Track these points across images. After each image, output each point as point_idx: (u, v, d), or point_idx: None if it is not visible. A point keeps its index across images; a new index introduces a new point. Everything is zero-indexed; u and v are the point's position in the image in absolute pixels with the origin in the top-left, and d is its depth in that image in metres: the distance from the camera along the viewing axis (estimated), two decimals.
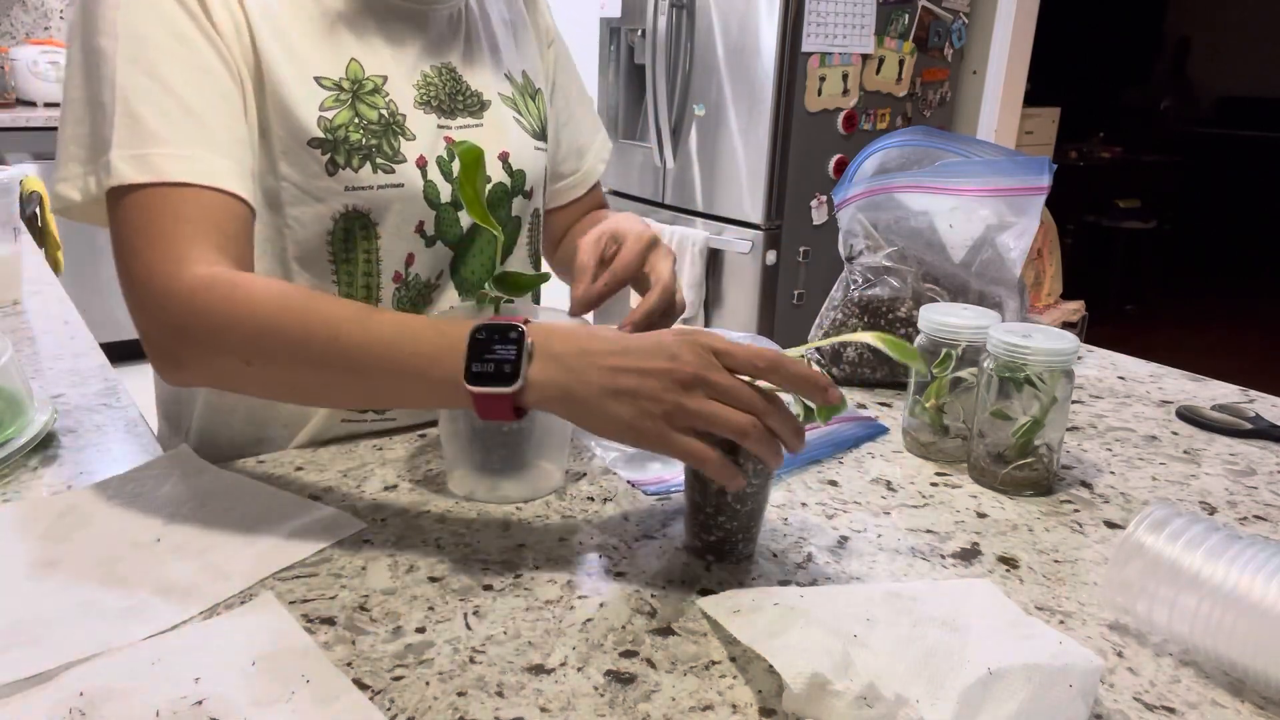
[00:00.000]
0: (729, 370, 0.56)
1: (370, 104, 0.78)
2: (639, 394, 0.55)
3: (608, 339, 0.58)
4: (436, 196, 0.82)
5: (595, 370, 0.57)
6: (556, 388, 0.57)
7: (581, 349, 0.58)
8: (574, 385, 0.57)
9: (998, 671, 0.48)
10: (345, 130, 0.76)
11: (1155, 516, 0.57)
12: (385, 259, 0.81)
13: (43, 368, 1.00)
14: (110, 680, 0.50)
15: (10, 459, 0.76)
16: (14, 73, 3.34)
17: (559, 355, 0.58)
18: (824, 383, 0.56)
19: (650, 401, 0.55)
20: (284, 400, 0.77)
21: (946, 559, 0.67)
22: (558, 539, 0.68)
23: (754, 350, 0.57)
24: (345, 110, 0.76)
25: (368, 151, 0.77)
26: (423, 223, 0.82)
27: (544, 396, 0.58)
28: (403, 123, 0.79)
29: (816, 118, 2.77)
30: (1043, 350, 0.72)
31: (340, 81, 0.77)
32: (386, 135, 0.78)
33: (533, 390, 0.57)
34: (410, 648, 0.54)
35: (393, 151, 0.78)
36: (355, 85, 0.77)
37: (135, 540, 0.65)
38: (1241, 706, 0.52)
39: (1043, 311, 3.37)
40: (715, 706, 0.50)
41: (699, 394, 0.55)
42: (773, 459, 0.57)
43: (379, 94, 0.78)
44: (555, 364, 0.57)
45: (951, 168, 1.02)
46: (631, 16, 3.06)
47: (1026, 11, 3.06)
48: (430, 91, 0.82)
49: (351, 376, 0.62)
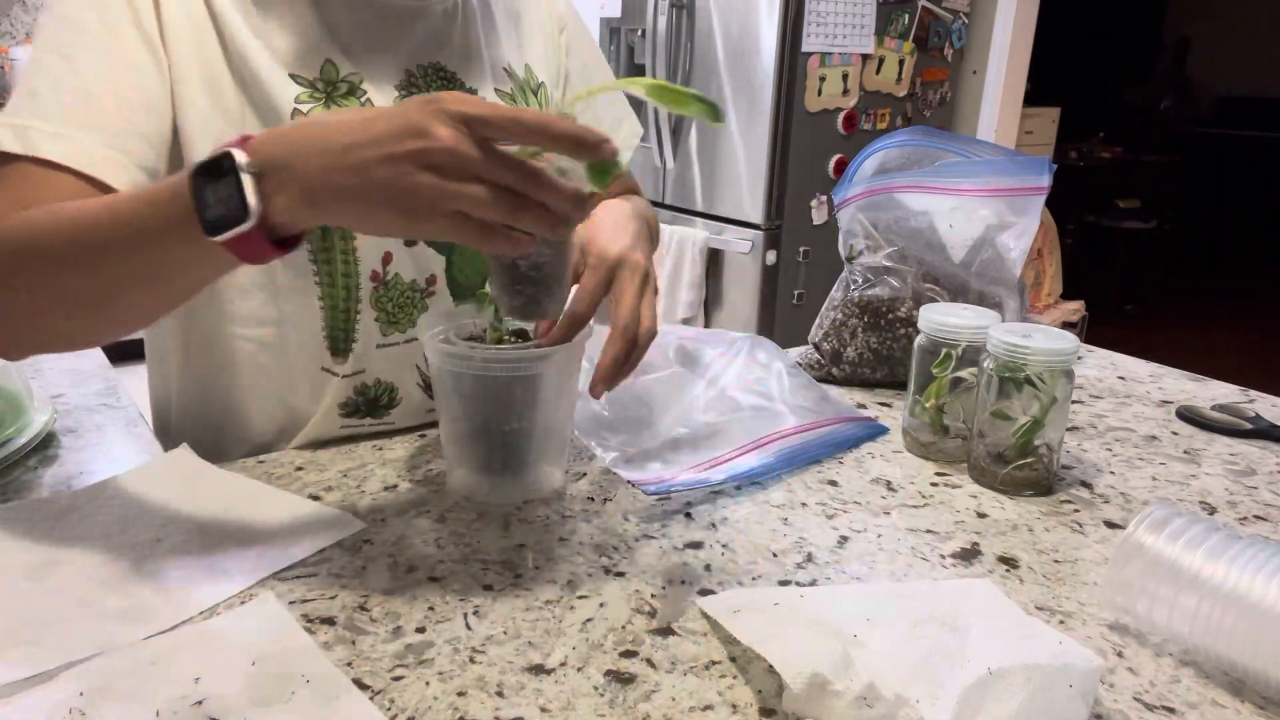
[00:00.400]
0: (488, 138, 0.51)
1: (342, 104, 0.77)
2: (391, 184, 0.50)
3: (343, 125, 0.52)
4: None
5: (338, 170, 0.51)
6: (303, 202, 0.52)
7: (315, 148, 0.52)
8: (320, 192, 0.51)
9: (998, 671, 0.48)
10: None
11: (1155, 516, 0.57)
12: (363, 258, 0.80)
13: (43, 368, 1.00)
14: (110, 680, 0.50)
15: (10, 459, 0.76)
16: (14, 73, 3.34)
17: (288, 163, 0.51)
18: (593, 140, 0.52)
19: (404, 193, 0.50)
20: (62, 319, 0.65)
21: (946, 559, 0.67)
22: (558, 539, 0.68)
23: (511, 112, 0.51)
24: (319, 107, 0.76)
25: None
26: None
27: (295, 217, 0.52)
28: None
29: (816, 118, 2.77)
30: (1043, 350, 0.73)
31: (314, 81, 0.76)
32: None
33: (278, 213, 0.52)
34: (410, 648, 0.54)
35: None
36: (329, 86, 0.77)
37: (135, 540, 0.65)
38: (1241, 706, 0.52)
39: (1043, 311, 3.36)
40: (715, 706, 0.50)
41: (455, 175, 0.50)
42: (549, 230, 0.54)
43: (353, 96, 0.78)
44: (288, 174, 0.51)
45: (951, 168, 1.02)
46: (631, 16, 3.06)
47: (1026, 11, 3.06)
48: (414, 92, 0.81)
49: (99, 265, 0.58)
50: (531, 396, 0.70)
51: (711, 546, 0.67)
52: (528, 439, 0.72)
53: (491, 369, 0.67)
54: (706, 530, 0.70)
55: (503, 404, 0.70)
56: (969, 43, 3.12)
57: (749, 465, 0.78)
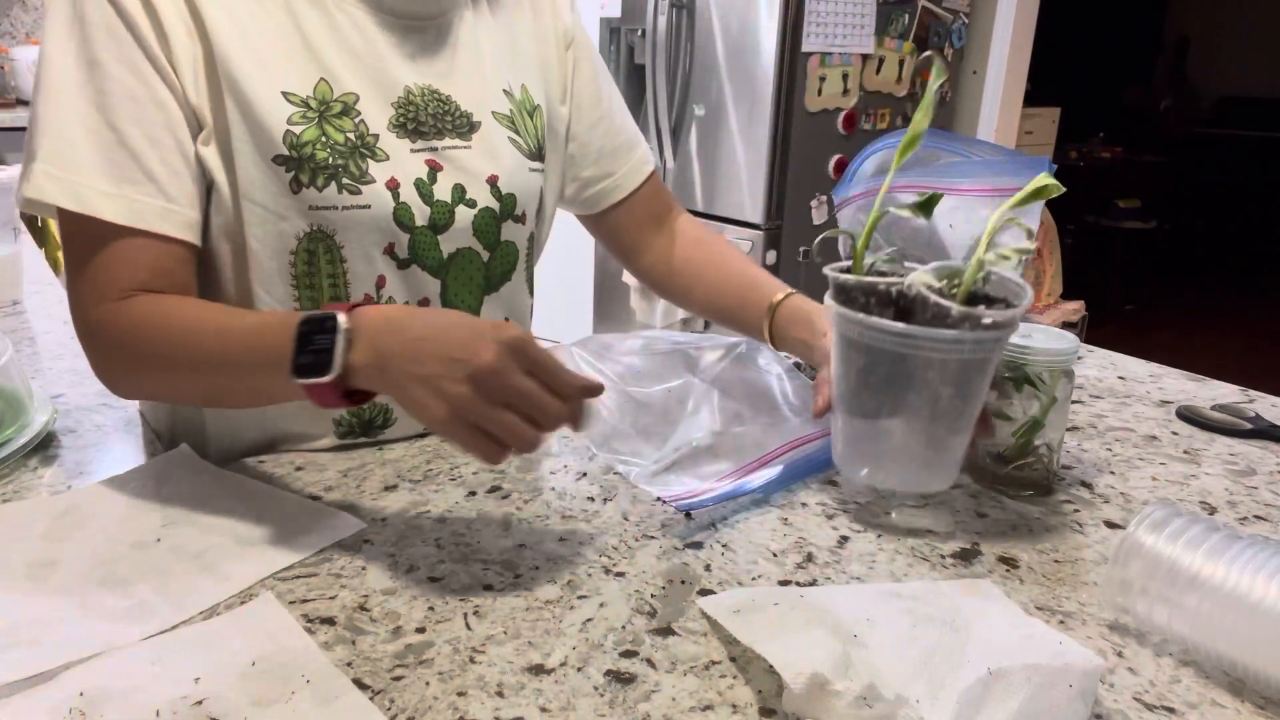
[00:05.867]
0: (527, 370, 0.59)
1: (337, 126, 0.76)
2: (434, 382, 0.59)
3: (427, 322, 0.62)
4: (410, 219, 0.79)
5: (405, 357, 0.60)
6: (373, 370, 0.61)
7: (398, 331, 0.62)
8: (387, 368, 0.61)
9: (998, 671, 0.48)
10: (311, 148, 0.74)
11: (1155, 516, 0.57)
12: (353, 282, 0.79)
13: (43, 368, 1.00)
14: (110, 680, 0.50)
15: (10, 459, 0.76)
16: (14, 73, 3.33)
17: (375, 339, 0.61)
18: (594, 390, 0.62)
19: (441, 394, 0.59)
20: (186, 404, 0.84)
21: (946, 559, 0.67)
22: (558, 539, 0.68)
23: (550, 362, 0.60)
24: (312, 128, 0.74)
25: (333, 171, 0.75)
26: (393, 245, 0.79)
27: (365, 379, 0.62)
28: (373, 144, 0.77)
29: (816, 118, 2.77)
30: (1043, 350, 0.73)
31: (308, 99, 0.75)
32: (354, 156, 0.76)
33: (355, 374, 0.62)
34: (410, 648, 0.54)
35: (359, 172, 0.76)
36: (323, 106, 0.75)
37: (135, 540, 0.65)
38: (1241, 706, 0.52)
39: (1043, 311, 3.36)
40: (715, 706, 0.50)
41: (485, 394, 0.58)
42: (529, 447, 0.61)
43: (348, 116, 0.76)
44: (372, 349, 0.61)
45: (951, 168, 1.02)
46: (631, 16, 3.06)
47: (1026, 11, 3.06)
48: (409, 112, 0.79)
49: (216, 378, 0.70)
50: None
51: (711, 546, 0.67)
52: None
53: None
54: (706, 530, 0.70)
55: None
56: (969, 43, 3.12)
57: (767, 476, 0.76)
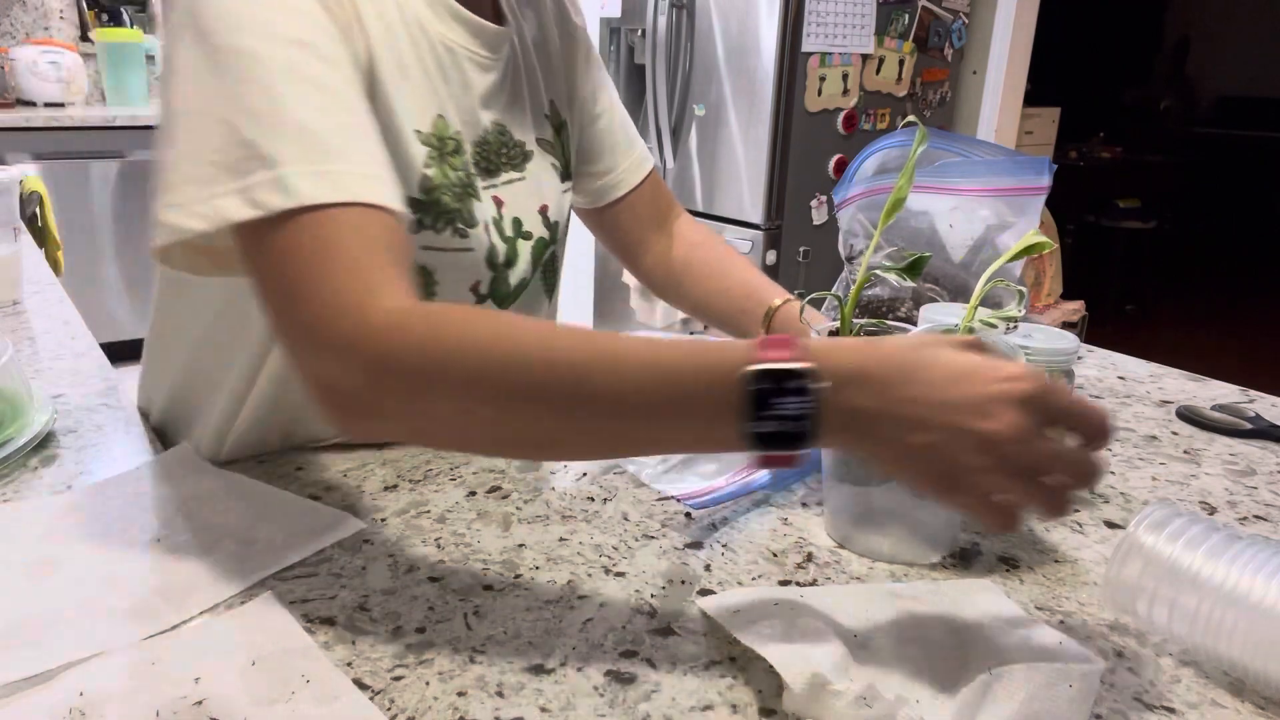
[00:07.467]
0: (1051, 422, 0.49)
1: (452, 165, 0.74)
2: (934, 450, 0.48)
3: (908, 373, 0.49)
4: (496, 259, 0.79)
5: (893, 423, 0.48)
6: (849, 436, 0.50)
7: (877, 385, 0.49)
8: (869, 434, 0.49)
9: (998, 672, 0.48)
10: (438, 193, 0.73)
11: (1155, 516, 0.57)
12: None
13: (43, 368, 1.00)
14: (110, 680, 0.50)
15: (10, 459, 0.76)
16: (14, 73, 3.33)
17: (851, 398, 0.49)
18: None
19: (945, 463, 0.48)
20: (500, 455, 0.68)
21: (946, 559, 0.67)
22: (558, 539, 0.68)
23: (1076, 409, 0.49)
24: (436, 169, 0.72)
25: (452, 215, 0.74)
26: (479, 283, 0.79)
27: (836, 442, 0.51)
28: (475, 185, 0.76)
29: (816, 118, 2.77)
30: (1043, 350, 0.73)
31: (429, 137, 0.72)
32: (465, 199, 0.75)
33: (825, 440, 0.50)
34: (410, 648, 0.54)
35: (469, 215, 0.75)
36: (440, 143, 0.73)
37: (135, 540, 0.65)
38: (1241, 706, 0.52)
39: (1043, 311, 3.36)
40: (715, 706, 0.50)
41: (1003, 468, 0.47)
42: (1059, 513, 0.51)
43: (459, 154, 0.74)
44: (848, 413, 0.49)
45: (951, 168, 1.02)
46: (631, 16, 3.06)
47: (1026, 11, 3.06)
48: (484, 150, 0.79)
49: (603, 423, 0.52)
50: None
51: (711, 546, 0.67)
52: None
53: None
54: (706, 530, 0.70)
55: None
56: (969, 43, 3.12)
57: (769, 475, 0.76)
